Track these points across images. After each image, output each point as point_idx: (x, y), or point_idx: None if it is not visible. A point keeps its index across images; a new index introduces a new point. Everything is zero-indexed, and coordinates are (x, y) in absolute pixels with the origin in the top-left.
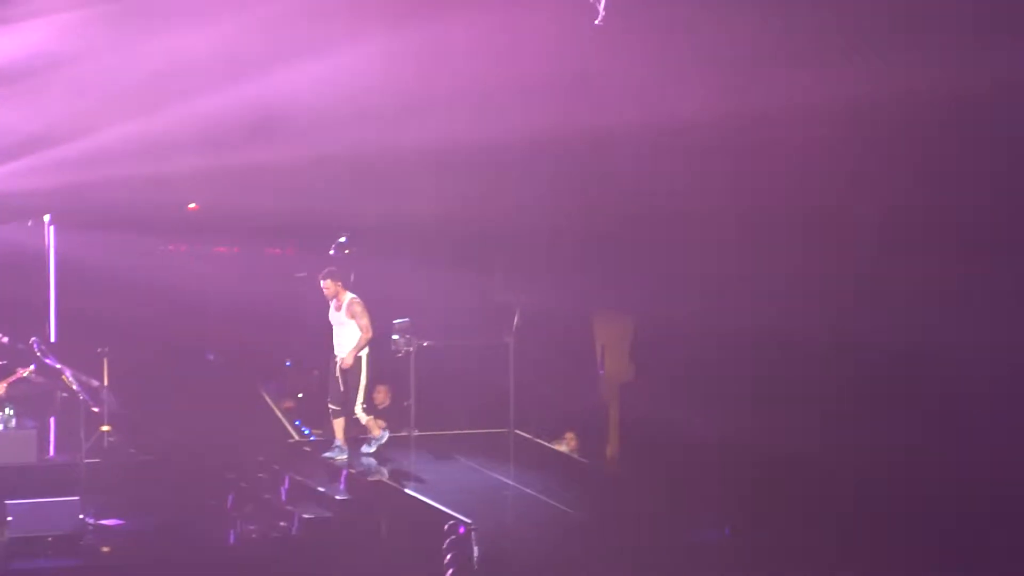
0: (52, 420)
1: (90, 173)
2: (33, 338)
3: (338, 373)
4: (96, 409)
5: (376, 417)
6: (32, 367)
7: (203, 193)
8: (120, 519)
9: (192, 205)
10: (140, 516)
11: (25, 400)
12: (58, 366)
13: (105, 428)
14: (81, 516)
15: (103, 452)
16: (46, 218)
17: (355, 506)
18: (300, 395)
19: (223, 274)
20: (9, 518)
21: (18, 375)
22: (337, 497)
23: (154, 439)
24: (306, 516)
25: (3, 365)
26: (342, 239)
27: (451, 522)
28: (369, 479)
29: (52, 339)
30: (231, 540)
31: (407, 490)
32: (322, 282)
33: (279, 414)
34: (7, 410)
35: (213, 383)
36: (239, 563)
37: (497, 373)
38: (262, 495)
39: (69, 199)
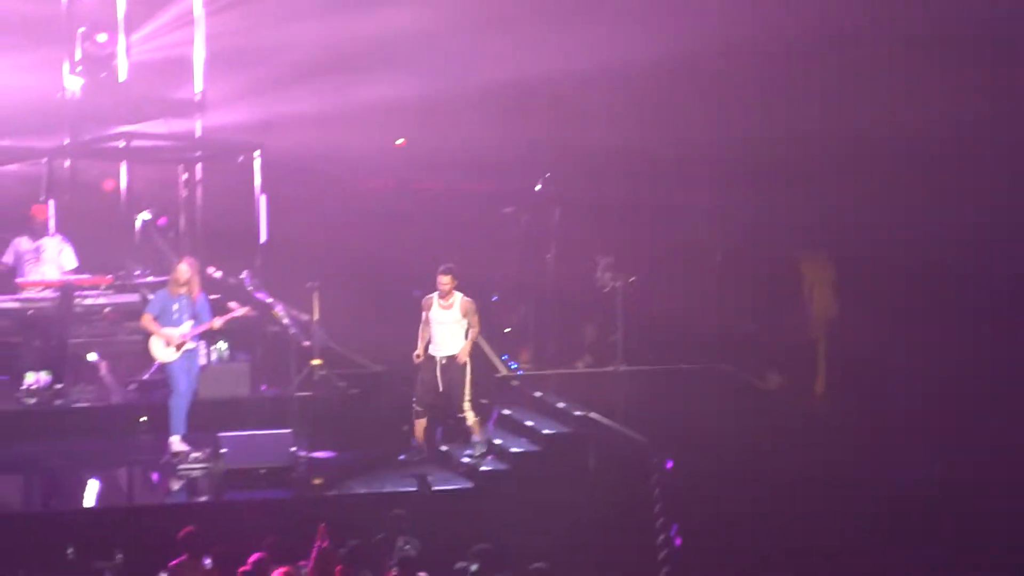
0: (264, 353)
1: (299, 108)
2: (244, 273)
3: (438, 372)
4: (306, 343)
5: (585, 354)
6: (247, 307)
7: (411, 128)
8: (331, 451)
9: (400, 141)
10: (350, 449)
11: (238, 334)
12: (269, 300)
13: (315, 362)
14: (293, 448)
15: (313, 385)
16: (256, 154)
17: (563, 440)
18: (507, 329)
19: (428, 210)
20: (223, 450)
21: (233, 314)
22: (545, 431)
23: (361, 373)
24: (514, 450)
25: (216, 299)
26: (547, 175)
27: (658, 457)
28: (576, 413)
29: (263, 273)
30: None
31: (614, 424)
32: (442, 277)
33: (486, 349)
34: (221, 343)
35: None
36: (441, 496)
37: (701, 310)
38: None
39: (279, 134)
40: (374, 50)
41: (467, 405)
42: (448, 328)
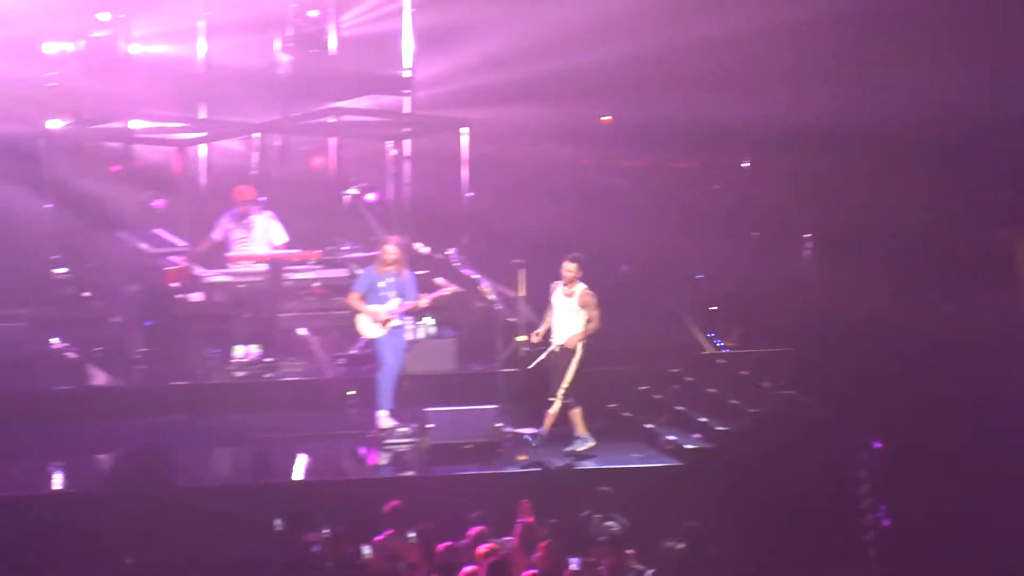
0: (470, 329)
1: (506, 84)
2: (451, 249)
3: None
4: (512, 319)
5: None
6: (455, 286)
7: (616, 106)
8: (536, 428)
9: (606, 118)
10: (554, 425)
11: (445, 310)
12: (475, 277)
13: (521, 338)
14: (498, 424)
15: (519, 361)
16: (464, 130)
17: (768, 419)
18: (713, 308)
19: (633, 187)
20: (430, 425)
21: (441, 292)
22: (751, 410)
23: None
24: (719, 428)
25: (423, 275)
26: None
27: (864, 437)
28: (781, 392)
29: (469, 250)
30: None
31: (819, 404)
32: (567, 264)
33: (691, 327)
34: (427, 319)
35: (625, 294)
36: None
37: (903, 290)
38: (675, 407)
39: (486, 111)
40: (582, 25)
41: (561, 393)
42: (566, 316)
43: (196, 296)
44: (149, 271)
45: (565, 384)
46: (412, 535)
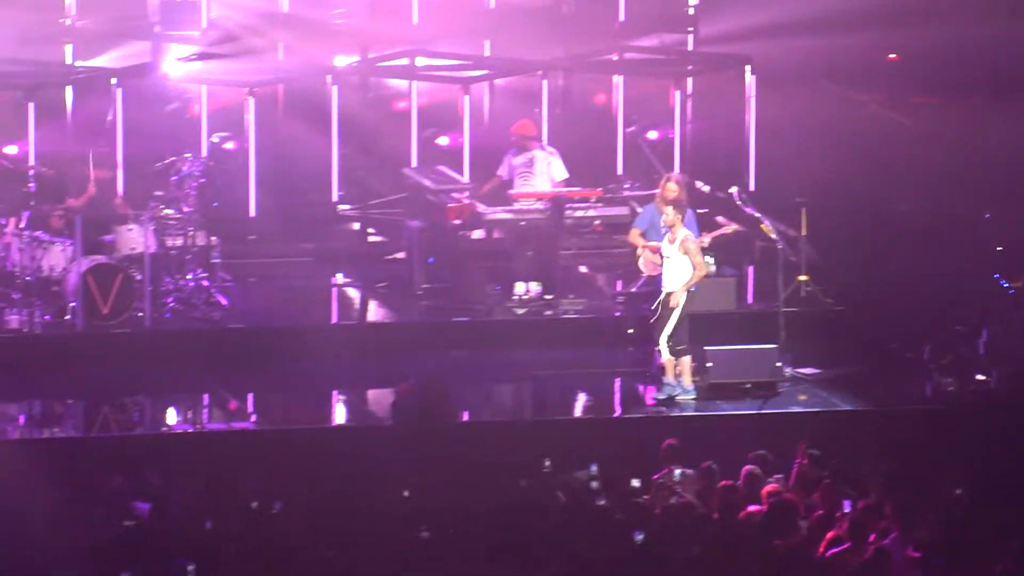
0: (751, 269)
1: (788, 19)
2: (733, 187)
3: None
4: (794, 259)
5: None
6: (736, 225)
7: (904, 41)
8: (816, 368)
9: (892, 55)
10: (835, 365)
11: (725, 248)
12: (757, 215)
13: (803, 278)
14: (778, 364)
15: (800, 301)
16: (747, 68)
17: None
18: (998, 248)
19: (919, 126)
20: (709, 364)
21: (723, 230)
22: None
23: (847, 290)
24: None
25: (704, 214)
26: None
27: None
28: None
29: (751, 188)
30: (927, 393)
31: None
32: (666, 209)
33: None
34: (709, 258)
35: (907, 233)
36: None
37: None
38: (959, 348)
39: (769, 47)
40: None
41: (663, 340)
42: (671, 263)
43: (478, 233)
44: (433, 208)
45: (667, 332)
46: (689, 472)
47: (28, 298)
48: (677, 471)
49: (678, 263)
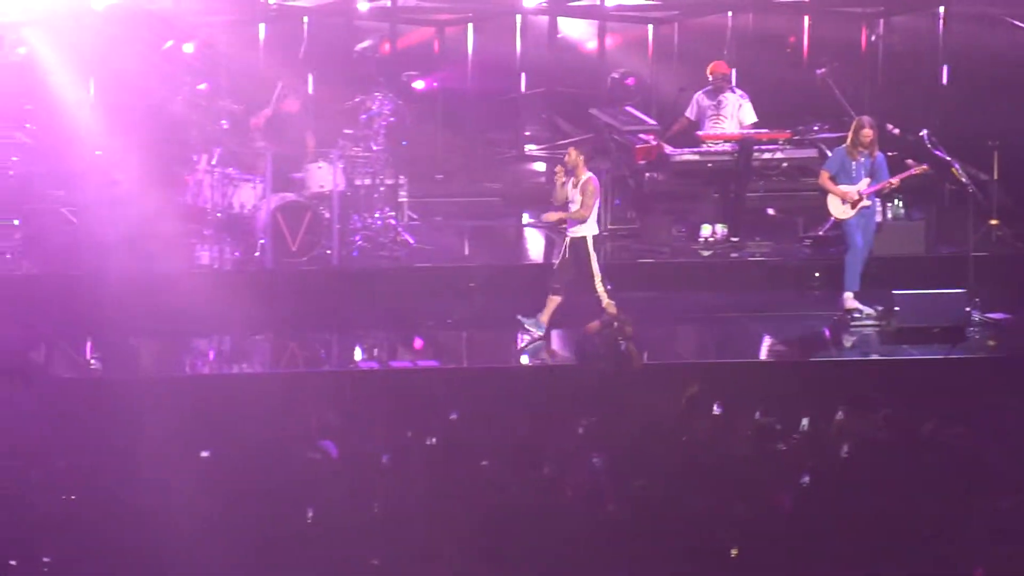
0: (940, 212)
1: None
2: (924, 130)
3: (566, 252)
4: (985, 202)
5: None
6: (925, 165)
7: None
8: (1006, 313)
9: None
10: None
11: (915, 192)
12: (947, 158)
13: (993, 222)
14: (968, 309)
15: (990, 245)
16: (941, 10)
17: None
18: None
19: None
20: (896, 308)
21: (912, 171)
22: None
23: None
24: None
25: (892, 156)
26: None
27: None
28: None
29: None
30: None
31: None
32: (570, 151)
33: None
34: (897, 201)
35: None
36: None
37: None
38: None
39: None
40: None
41: (598, 286)
42: (573, 207)
43: (664, 174)
44: (620, 149)
45: (599, 278)
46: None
47: (219, 234)
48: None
49: (588, 207)
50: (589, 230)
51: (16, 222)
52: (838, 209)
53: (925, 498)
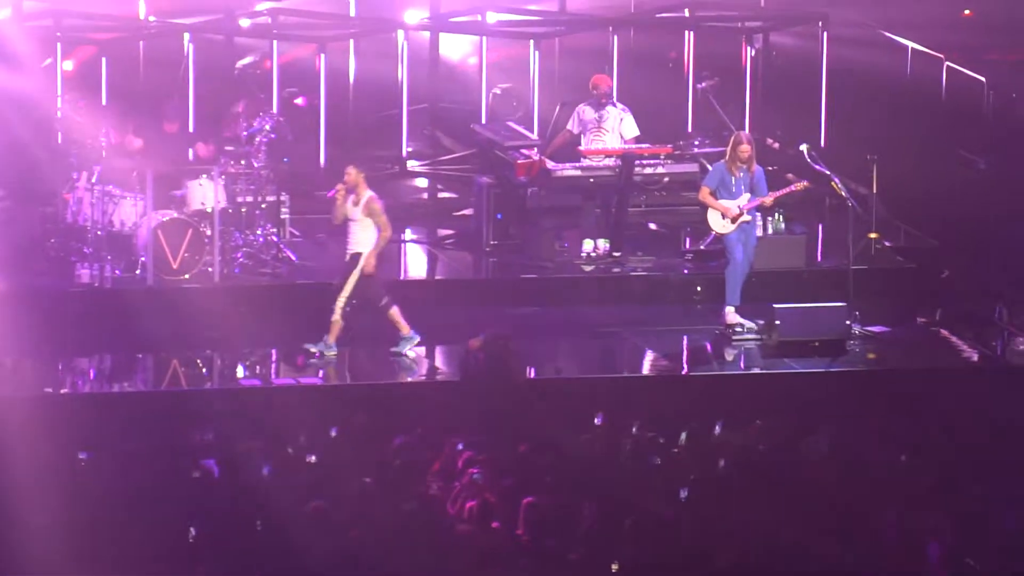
0: (820, 226)
1: None
2: (803, 144)
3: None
4: (864, 216)
5: None
6: (805, 182)
7: None
8: (885, 326)
9: (967, 11)
10: (903, 323)
11: (795, 206)
12: (827, 173)
13: (873, 235)
14: (847, 322)
15: (870, 259)
16: (820, 24)
17: None
18: None
19: (996, 83)
20: (778, 322)
21: (792, 188)
22: None
23: (917, 247)
24: None
25: (773, 170)
26: None
27: None
28: None
29: (822, 145)
30: (999, 352)
31: None
32: (348, 169)
33: None
34: (777, 215)
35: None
36: None
37: None
38: None
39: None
40: None
41: (340, 300)
42: (356, 226)
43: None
44: (502, 164)
45: (345, 294)
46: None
47: (99, 252)
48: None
49: (363, 225)
50: (365, 247)
51: None
52: (719, 224)
53: (804, 511)
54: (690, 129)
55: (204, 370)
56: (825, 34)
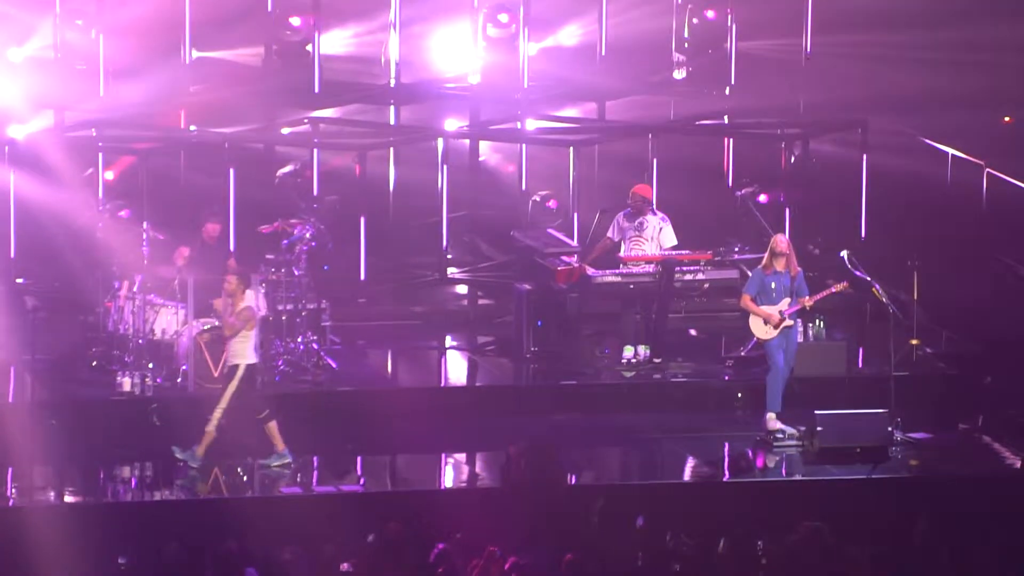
0: (861, 332)
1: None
2: (844, 251)
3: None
4: (906, 322)
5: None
6: (844, 283)
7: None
8: (928, 432)
9: (1007, 118)
10: (948, 430)
11: (836, 312)
12: (868, 279)
13: (914, 341)
14: (889, 428)
15: (911, 365)
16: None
17: None
18: None
19: None
20: (819, 428)
21: (832, 289)
22: None
23: (961, 353)
24: None
25: (813, 276)
26: None
27: None
28: None
29: (862, 250)
30: None
31: None
32: (229, 277)
33: None
34: (818, 321)
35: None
36: None
37: None
38: None
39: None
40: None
41: (217, 414)
42: (234, 340)
43: (585, 296)
44: (542, 270)
45: (222, 405)
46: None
47: (140, 360)
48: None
49: (241, 337)
50: (242, 359)
51: None
52: (761, 330)
53: None
54: (730, 235)
55: (244, 478)
56: (863, 140)
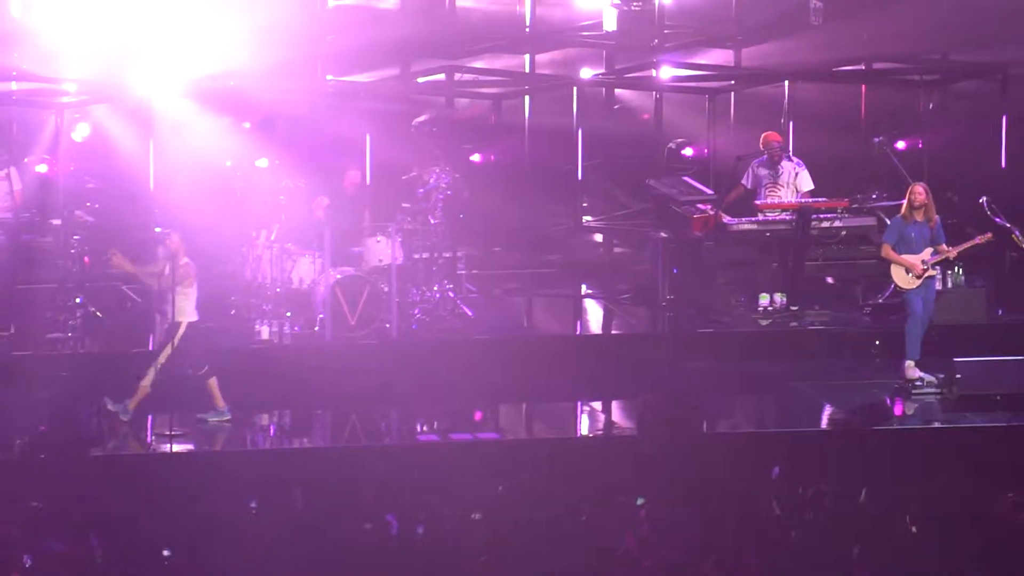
0: (1001, 278)
1: None
2: (983, 197)
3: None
4: None
5: None
6: (988, 234)
7: None
8: None
9: None
10: None
11: (975, 259)
12: (1007, 225)
13: None
14: None
15: None
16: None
17: None
18: None
19: None
20: (958, 376)
21: (975, 240)
22: None
23: None
24: None
25: (952, 223)
26: None
27: None
28: None
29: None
30: None
31: None
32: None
33: None
34: (957, 268)
35: None
36: None
37: None
38: None
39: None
40: None
41: (152, 370)
42: (178, 296)
43: (721, 244)
44: (677, 219)
45: (159, 361)
46: None
47: (278, 309)
48: None
49: (182, 295)
50: (184, 316)
51: (78, 300)
52: (903, 279)
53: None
54: (867, 182)
55: (382, 425)
56: (1004, 83)
